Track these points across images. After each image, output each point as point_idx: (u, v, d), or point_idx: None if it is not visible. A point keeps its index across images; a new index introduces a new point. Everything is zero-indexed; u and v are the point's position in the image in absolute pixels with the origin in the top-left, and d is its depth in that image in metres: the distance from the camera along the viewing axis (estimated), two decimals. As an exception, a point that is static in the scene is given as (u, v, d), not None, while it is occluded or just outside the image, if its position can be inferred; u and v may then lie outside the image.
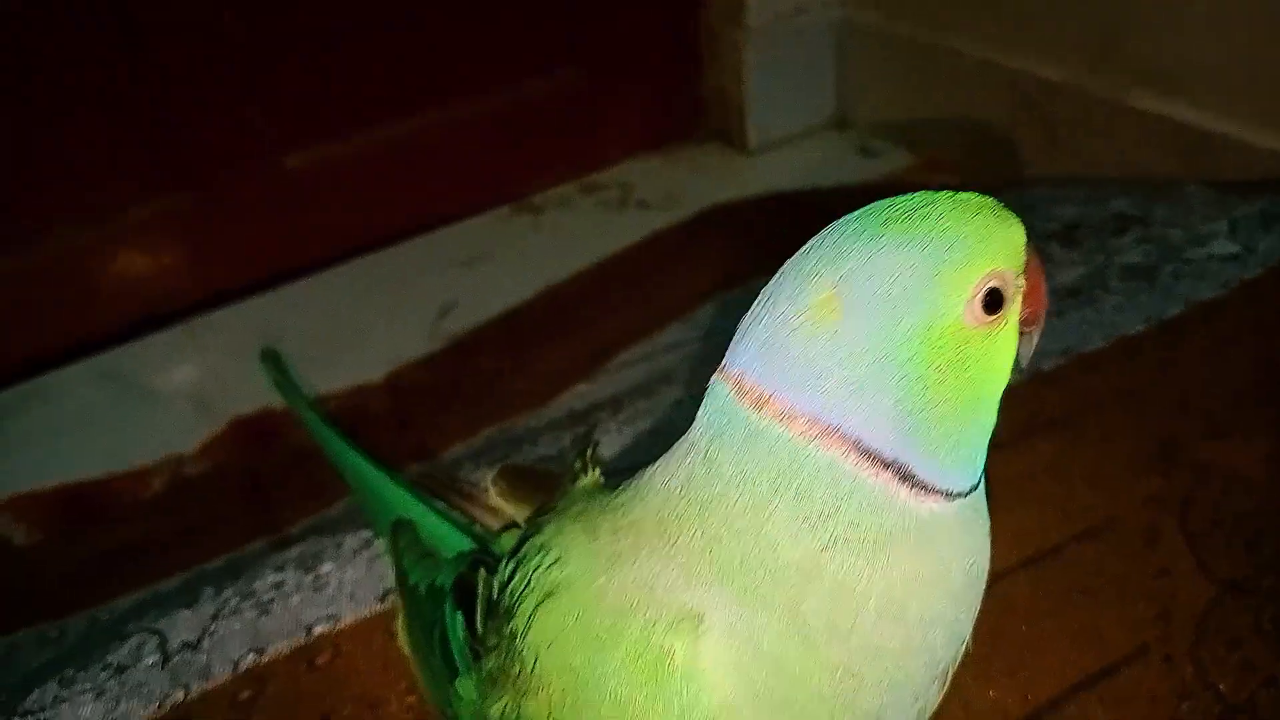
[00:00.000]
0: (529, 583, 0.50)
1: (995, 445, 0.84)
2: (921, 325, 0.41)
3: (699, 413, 0.45)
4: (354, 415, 1.22)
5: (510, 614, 0.50)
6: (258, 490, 1.16)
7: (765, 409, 0.42)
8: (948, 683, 0.49)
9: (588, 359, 1.27)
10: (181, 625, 0.74)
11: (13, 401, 1.35)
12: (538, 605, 0.48)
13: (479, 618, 0.55)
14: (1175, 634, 0.72)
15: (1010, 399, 0.89)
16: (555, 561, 0.49)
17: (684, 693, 0.43)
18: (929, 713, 0.49)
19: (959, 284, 0.41)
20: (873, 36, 1.75)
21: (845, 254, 0.42)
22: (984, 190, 0.45)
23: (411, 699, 0.69)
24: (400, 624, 0.68)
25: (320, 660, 0.71)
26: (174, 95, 1.39)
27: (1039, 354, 0.94)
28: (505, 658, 0.50)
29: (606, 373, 1.25)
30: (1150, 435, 0.84)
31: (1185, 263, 1.05)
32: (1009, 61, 1.57)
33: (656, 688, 0.43)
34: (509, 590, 0.51)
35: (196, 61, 1.39)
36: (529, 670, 0.48)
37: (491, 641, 0.52)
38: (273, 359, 1.02)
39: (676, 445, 0.46)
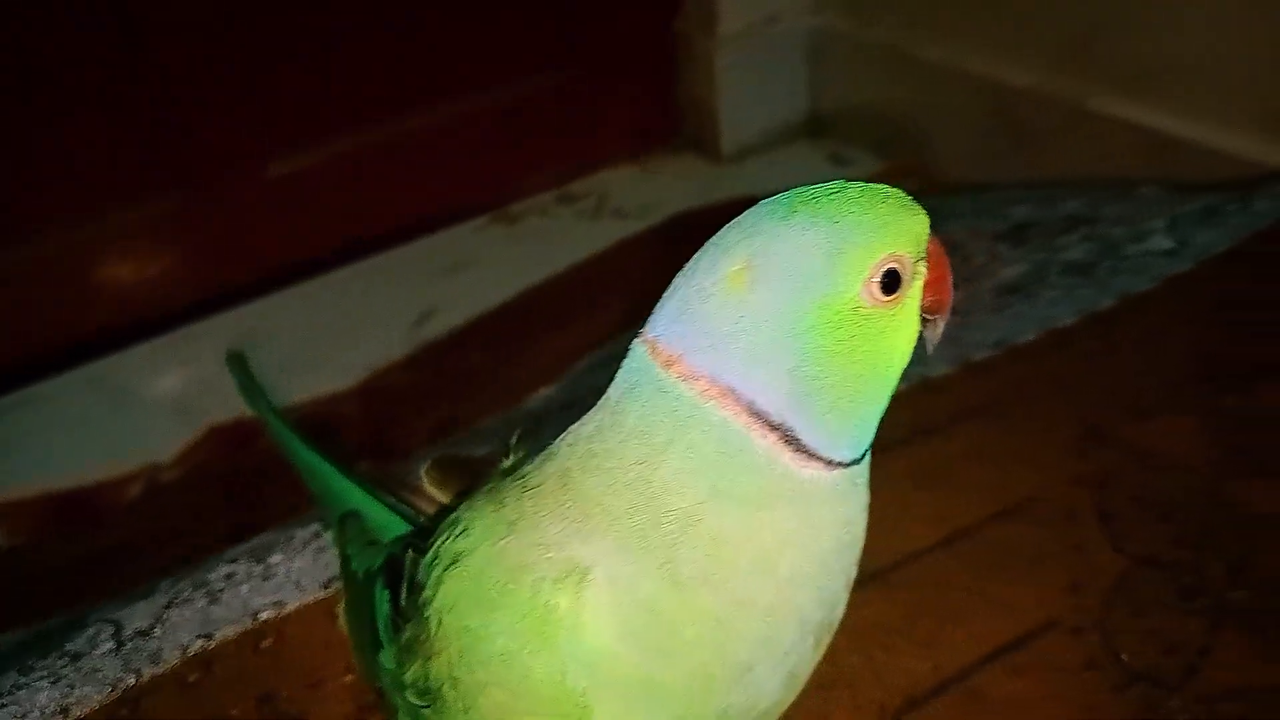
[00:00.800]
0: (438, 554, 0.53)
1: (922, 430, 0.88)
2: (820, 300, 0.43)
3: (618, 373, 0.48)
4: (326, 419, 1.26)
5: (423, 585, 0.54)
6: (231, 496, 1.20)
7: (673, 368, 0.45)
8: (821, 648, 0.51)
9: (555, 363, 1.30)
10: (137, 614, 0.77)
11: (-1, 408, 1.39)
12: (443, 572, 0.51)
13: (403, 594, 0.58)
14: (1085, 606, 0.74)
15: (939, 387, 0.93)
16: (462, 532, 0.52)
17: (566, 644, 0.46)
18: (803, 673, 0.52)
19: (858, 264, 0.44)
20: (844, 44, 1.79)
21: (759, 231, 0.44)
22: (945, 193, 0.48)
23: (349, 678, 0.72)
24: (341, 608, 0.71)
25: (265, 644, 0.74)
26: (160, 101, 1.43)
27: (971, 345, 0.98)
28: (418, 626, 0.54)
29: (573, 375, 1.28)
30: (1075, 419, 0.87)
31: (1122, 258, 1.08)
32: (977, 68, 1.60)
33: (541, 641, 0.46)
34: (423, 564, 0.55)
35: (177, 70, 1.43)
36: (433, 634, 0.51)
37: (409, 614, 0.55)
38: (237, 361, 1.05)
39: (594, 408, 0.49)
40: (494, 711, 0.49)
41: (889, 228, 0.44)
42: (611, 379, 0.48)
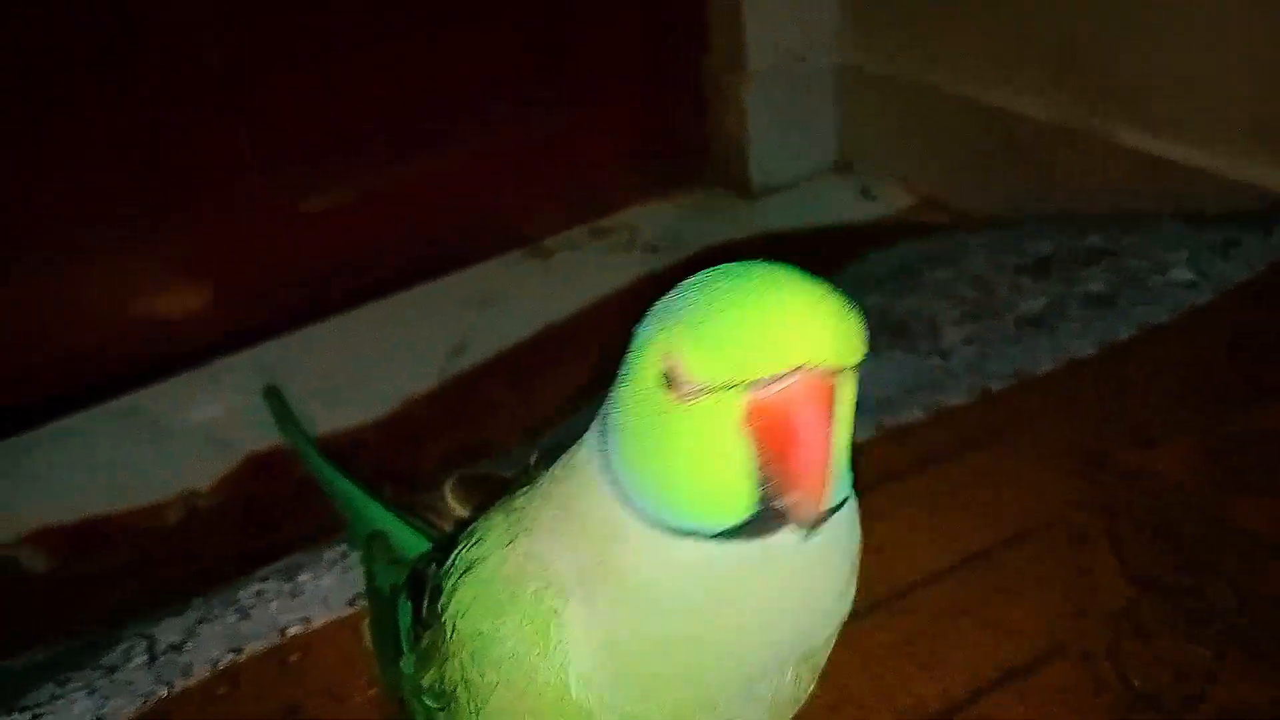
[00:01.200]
0: (454, 562, 0.56)
1: (932, 458, 0.89)
2: (634, 378, 0.45)
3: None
4: (356, 447, 1.29)
5: (441, 592, 0.56)
6: (264, 521, 1.23)
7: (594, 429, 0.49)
8: (805, 681, 0.53)
9: (582, 390, 1.33)
10: (170, 629, 0.80)
11: (39, 440, 1.42)
12: (458, 579, 0.54)
13: (425, 605, 0.61)
14: (1093, 631, 0.75)
15: (953, 417, 0.94)
16: (476, 541, 0.55)
17: (566, 647, 0.49)
18: (785, 702, 0.54)
19: (654, 352, 0.44)
20: (872, 81, 1.81)
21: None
22: (969, 227, 0.48)
23: (372, 692, 0.74)
24: (366, 624, 0.74)
25: (292, 659, 0.77)
26: (196, 139, 1.48)
27: (990, 376, 0.99)
28: (435, 632, 0.56)
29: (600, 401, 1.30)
30: (1084, 446, 0.89)
31: (1143, 290, 1.09)
32: (1003, 103, 1.62)
33: (547, 644, 0.49)
34: (442, 573, 0.57)
35: (212, 109, 1.48)
36: (449, 638, 0.54)
37: (429, 622, 0.58)
38: (273, 394, 1.09)
39: None
40: (503, 712, 0.51)
41: (679, 326, 0.43)
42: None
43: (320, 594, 0.81)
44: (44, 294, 1.45)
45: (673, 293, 0.45)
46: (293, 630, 0.79)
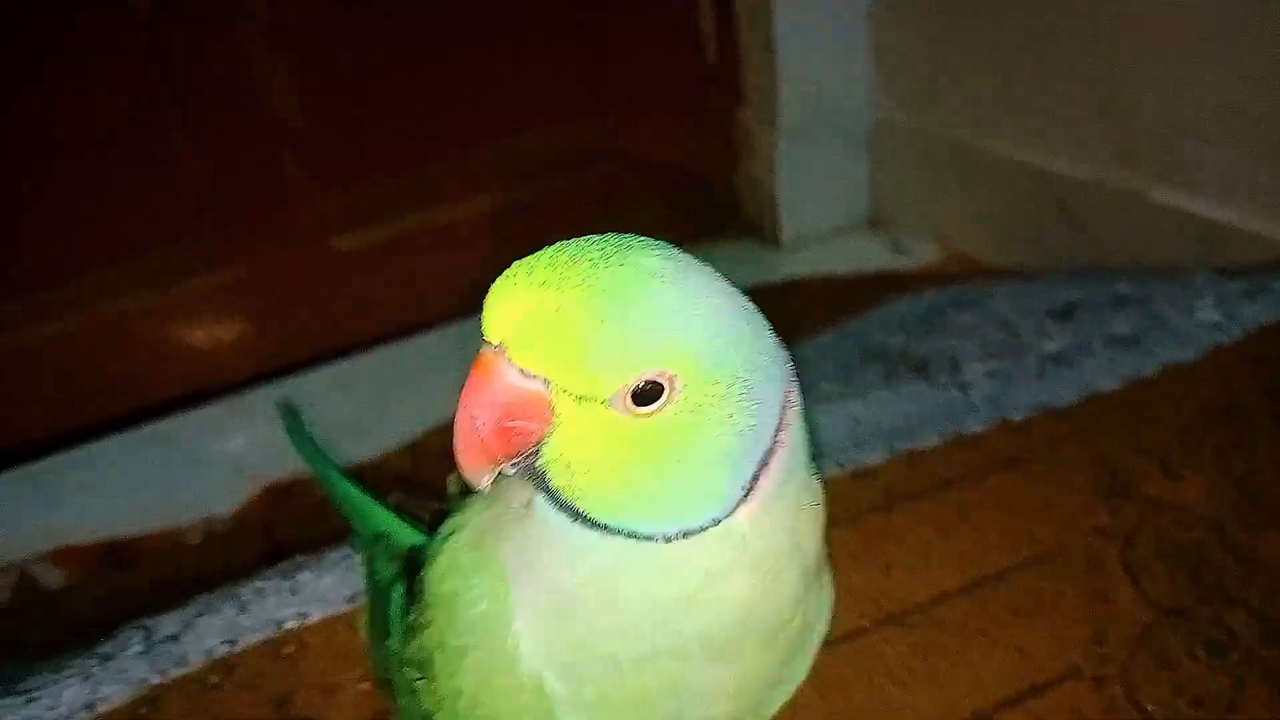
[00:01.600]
0: (439, 532, 0.56)
1: (949, 482, 0.87)
2: None
3: None
4: (375, 468, 1.29)
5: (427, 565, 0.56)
6: (281, 548, 1.22)
7: None
8: (783, 687, 0.54)
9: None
10: (167, 621, 0.80)
11: (73, 461, 1.44)
12: (438, 545, 0.54)
13: (416, 586, 0.60)
14: (1108, 656, 0.73)
15: (971, 443, 0.92)
16: (458, 510, 0.55)
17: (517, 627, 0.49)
18: (762, 704, 0.53)
19: None
20: (904, 136, 1.82)
21: None
22: (997, 276, 0.47)
23: (365, 685, 0.73)
24: (363, 618, 0.73)
25: (286, 650, 0.76)
26: (228, 176, 1.50)
27: (1010, 407, 0.98)
28: (420, 605, 0.56)
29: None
30: (1104, 474, 0.87)
31: (1169, 331, 1.08)
32: (1035, 159, 1.62)
33: (503, 628, 0.49)
34: (429, 544, 0.57)
35: (253, 140, 1.51)
36: (428, 605, 0.53)
37: (417, 595, 0.58)
38: (286, 410, 1.09)
39: None
40: (475, 676, 0.50)
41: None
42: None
43: (320, 592, 0.80)
44: (88, 322, 1.48)
45: None
46: (289, 624, 0.78)
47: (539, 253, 0.43)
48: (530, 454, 0.44)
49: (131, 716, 0.72)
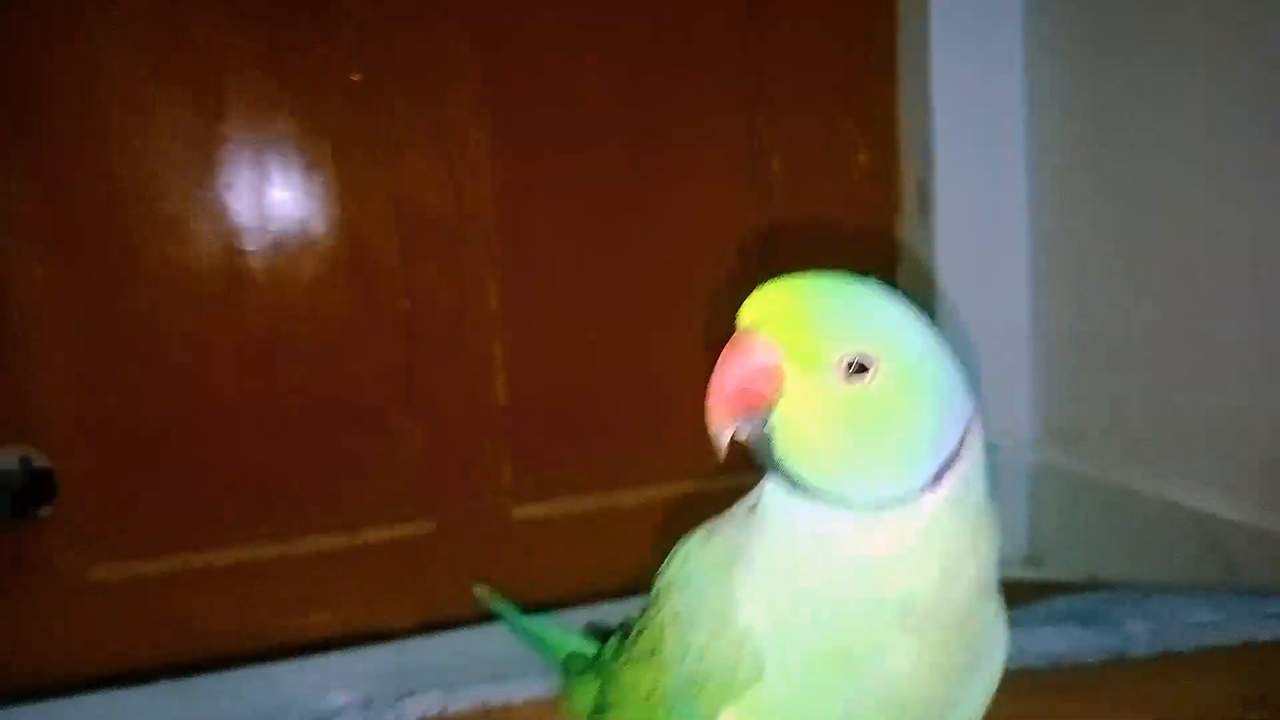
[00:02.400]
0: (667, 563, 0.67)
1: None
2: None
3: None
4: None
5: (651, 602, 0.67)
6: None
7: None
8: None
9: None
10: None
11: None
12: (668, 562, 0.66)
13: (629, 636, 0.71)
14: None
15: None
16: (682, 541, 0.67)
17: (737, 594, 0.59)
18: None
19: None
20: (1062, 477, 1.89)
21: None
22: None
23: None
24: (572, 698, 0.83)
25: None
26: (439, 437, 1.67)
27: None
28: (643, 625, 0.67)
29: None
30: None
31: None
32: (1191, 502, 1.66)
33: (727, 593, 0.60)
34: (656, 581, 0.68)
35: (464, 417, 1.68)
36: (656, 596, 0.64)
37: (640, 626, 0.68)
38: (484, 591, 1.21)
39: None
40: (703, 632, 0.60)
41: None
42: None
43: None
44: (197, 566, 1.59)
45: None
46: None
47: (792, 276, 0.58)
48: (761, 421, 0.56)
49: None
